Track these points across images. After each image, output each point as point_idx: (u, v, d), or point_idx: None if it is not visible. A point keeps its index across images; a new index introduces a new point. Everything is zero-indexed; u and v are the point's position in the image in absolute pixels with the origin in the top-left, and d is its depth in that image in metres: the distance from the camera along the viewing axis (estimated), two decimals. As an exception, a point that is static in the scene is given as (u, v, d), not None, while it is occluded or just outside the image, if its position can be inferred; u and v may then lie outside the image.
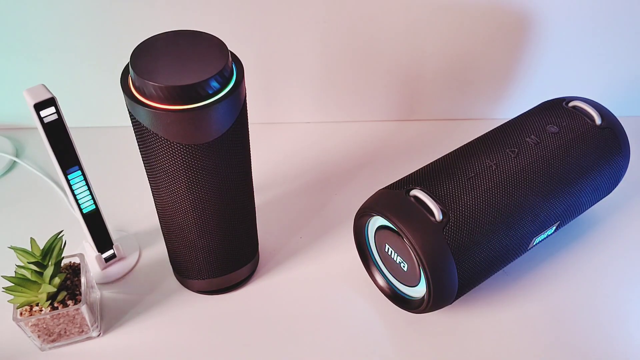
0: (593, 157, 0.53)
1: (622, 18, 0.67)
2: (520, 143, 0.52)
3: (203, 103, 0.38)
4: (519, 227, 0.49)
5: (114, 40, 0.65)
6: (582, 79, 0.74)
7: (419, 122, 0.77)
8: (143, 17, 0.63)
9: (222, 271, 0.52)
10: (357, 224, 0.53)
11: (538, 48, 0.70)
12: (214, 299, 0.54)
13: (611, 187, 0.57)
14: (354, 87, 0.73)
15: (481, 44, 0.69)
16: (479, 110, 0.77)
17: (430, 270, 0.45)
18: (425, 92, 0.74)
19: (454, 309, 0.54)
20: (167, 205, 0.45)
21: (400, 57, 0.69)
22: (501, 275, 0.56)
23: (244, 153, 0.45)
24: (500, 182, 0.48)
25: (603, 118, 0.54)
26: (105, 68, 0.66)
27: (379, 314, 0.54)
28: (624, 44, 0.70)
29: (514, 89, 0.74)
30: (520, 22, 0.67)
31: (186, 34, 0.41)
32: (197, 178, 0.42)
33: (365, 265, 0.55)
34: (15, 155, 0.69)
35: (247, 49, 0.65)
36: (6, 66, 0.67)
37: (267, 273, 0.57)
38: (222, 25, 0.64)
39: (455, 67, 0.71)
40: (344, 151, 0.72)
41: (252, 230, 0.53)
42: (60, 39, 0.65)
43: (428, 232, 0.45)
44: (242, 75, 0.41)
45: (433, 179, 0.49)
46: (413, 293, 0.51)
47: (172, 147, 0.40)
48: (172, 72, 0.38)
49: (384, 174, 0.59)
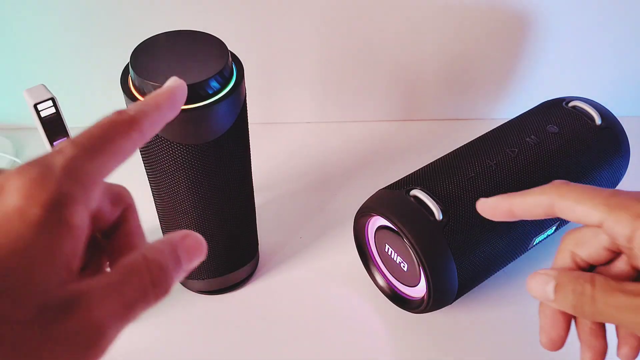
0: (593, 157, 0.53)
1: (622, 18, 0.67)
2: (520, 143, 0.52)
3: (203, 103, 0.38)
4: (519, 227, 0.49)
5: (114, 40, 0.65)
6: (582, 79, 0.74)
7: (419, 122, 0.77)
8: (143, 17, 0.63)
9: (222, 271, 0.52)
10: (357, 224, 0.53)
11: (538, 48, 0.70)
12: (214, 299, 0.54)
13: (611, 187, 0.57)
14: (354, 87, 0.73)
15: (481, 44, 0.69)
16: (479, 110, 0.77)
17: (430, 270, 0.45)
18: (425, 92, 0.74)
19: (454, 309, 0.54)
20: (167, 205, 0.45)
21: (400, 57, 0.69)
22: (501, 275, 0.56)
23: (244, 153, 0.45)
24: (501, 182, 0.48)
25: (603, 118, 0.54)
26: (105, 68, 0.66)
27: (379, 314, 0.54)
28: (624, 43, 0.70)
29: (514, 89, 0.74)
30: (520, 22, 0.67)
31: (186, 34, 0.41)
32: (197, 178, 0.42)
33: (365, 265, 0.55)
34: (15, 155, 0.69)
35: (247, 49, 0.64)
36: (6, 66, 0.67)
37: (267, 273, 0.57)
38: (222, 25, 0.64)
39: (455, 67, 0.71)
40: (344, 151, 0.72)
41: (252, 230, 0.53)
42: (60, 39, 0.65)
43: (428, 232, 0.45)
44: (242, 75, 0.41)
45: (433, 179, 0.49)
46: (413, 293, 0.51)
47: (172, 147, 0.40)
48: (172, 72, 0.38)
49: (384, 174, 0.59)
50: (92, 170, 0.19)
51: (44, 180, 0.17)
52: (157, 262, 0.20)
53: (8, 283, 0.16)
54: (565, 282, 0.28)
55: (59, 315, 0.17)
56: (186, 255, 0.21)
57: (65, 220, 0.18)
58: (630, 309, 0.25)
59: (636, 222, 0.26)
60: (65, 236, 0.18)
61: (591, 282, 0.27)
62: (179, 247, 0.21)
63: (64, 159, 0.18)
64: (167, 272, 0.20)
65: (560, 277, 0.28)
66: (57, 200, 0.17)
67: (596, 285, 0.27)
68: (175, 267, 0.21)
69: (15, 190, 0.17)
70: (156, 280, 0.20)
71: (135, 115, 0.21)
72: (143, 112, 0.21)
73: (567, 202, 0.29)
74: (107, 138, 0.20)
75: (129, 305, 0.19)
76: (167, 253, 0.20)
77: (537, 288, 0.28)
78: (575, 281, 0.27)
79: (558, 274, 0.28)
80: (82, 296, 0.18)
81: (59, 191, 0.17)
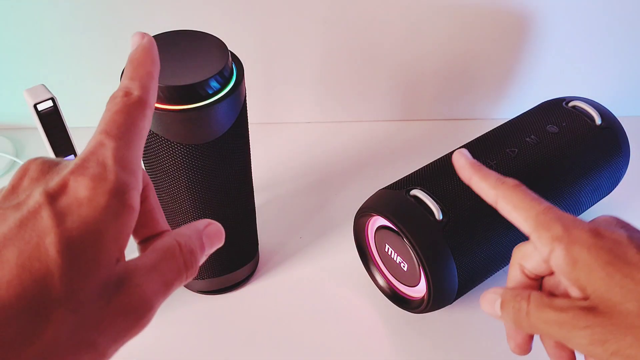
0: (593, 157, 0.53)
1: (623, 18, 0.67)
2: (520, 143, 0.52)
3: (203, 103, 0.38)
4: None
5: (114, 41, 0.65)
6: (582, 79, 0.74)
7: (419, 122, 0.77)
8: (143, 17, 0.63)
9: (222, 271, 0.52)
10: (357, 224, 0.53)
11: (538, 48, 0.70)
12: (214, 299, 0.54)
13: (611, 187, 0.57)
14: (354, 87, 0.73)
15: (481, 44, 0.69)
16: (479, 110, 0.77)
17: (430, 270, 0.45)
18: (425, 92, 0.74)
19: (454, 309, 0.54)
20: (167, 205, 0.45)
21: (401, 57, 0.69)
22: (501, 275, 0.56)
23: (244, 153, 0.45)
24: (500, 182, 0.48)
25: (603, 118, 0.54)
26: (105, 68, 0.66)
27: (379, 314, 0.54)
28: (624, 43, 0.70)
29: (514, 89, 0.74)
30: (520, 22, 0.67)
31: (186, 34, 0.41)
32: (197, 178, 0.42)
33: (365, 265, 0.55)
34: (15, 155, 0.69)
35: (247, 49, 0.65)
36: (6, 66, 0.67)
37: (267, 273, 0.57)
38: (222, 25, 0.64)
39: (455, 67, 0.71)
40: (344, 151, 0.72)
41: (252, 230, 0.53)
42: (60, 39, 0.65)
43: (428, 232, 0.45)
44: (242, 75, 0.41)
45: (433, 179, 0.49)
46: (413, 293, 0.51)
47: (172, 147, 0.40)
48: (172, 72, 0.38)
49: (384, 174, 0.59)
50: (134, 157, 0.22)
51: (103, 174, 0.21)
52: (188, 247, 0.23)
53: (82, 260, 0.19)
54: (508, 299, 0.30)
55: (116, 290, 0.20)
56: (209, 241, 0.24)
57: (127, 204, 0.21)
58: (557, 323, 0.28)
59: (554, 244, 0.29)
60: (127, 218, 0.21)
61: (527, 299, 0.30)
62: (204, 233, 0.24)
63: (112, 153, 0.21)
64: (196, 256, 0.23)
65: (504, 295, 0.31)
66: (117, 189, 0.21)
67: (531, 302, 0.29)
68: (201, 251, 0.24)
69: (82, 185, 0.20)
70: (188, 262, 0.23)
71: (141, 94, 0.23)
72: (145, 87, 0.23)
73: (507, 206, 0.32)
74: (131, 124, 0.22)
75: (168, 283, 0.22)
76: (195, 239, 0.24)
77: (487, 306, 0.32)
78: (514, 299, 0.30)
79: (503, 292, 0.31)
80: (132, 274, 0.21)
81: (118, 181, 0.21)
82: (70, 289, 0.19)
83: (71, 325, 0.19)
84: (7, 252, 0.18)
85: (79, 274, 0.19)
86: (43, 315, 0.18)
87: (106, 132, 0.22)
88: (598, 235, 0.28)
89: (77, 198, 0.20)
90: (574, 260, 0.28)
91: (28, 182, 0.21)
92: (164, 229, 0.26)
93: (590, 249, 0.28)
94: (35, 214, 0.19)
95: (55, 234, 0.19)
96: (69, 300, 0.19)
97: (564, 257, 0.28)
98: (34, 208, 0.19)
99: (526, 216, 0.30)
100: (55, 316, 0.18)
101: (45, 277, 0.18)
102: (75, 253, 0.19)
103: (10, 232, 0.19)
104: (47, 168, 0.22)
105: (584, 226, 0.29)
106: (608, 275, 0.27)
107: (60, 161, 0.22)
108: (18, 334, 0.18)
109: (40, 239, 0.19)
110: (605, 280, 0.27)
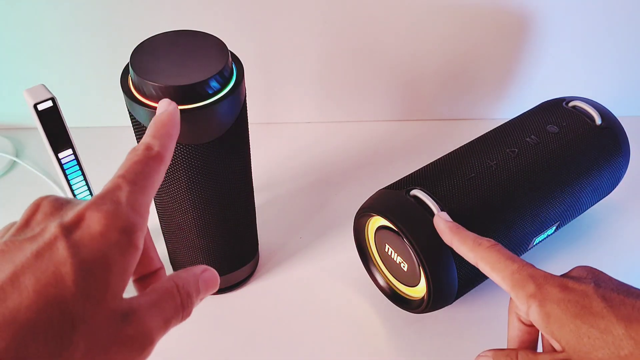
0: (593, 157, 0.53)
1: (623, 18, 0.67)
2: (520, 143, 0.52)
3: (203, 103, 0.38)
4: (518, 227, 0.49)
5: (114, 40, 0.65)
6: (582, 79, 0.74)
7: (419, 122, 0.77)
8: (143, 17, 0.63)
9: (222, 271, 0.52)
10: (357, 224, 0.53)
11: (538, 48, 0.70)
12: (214, 299, 0.54)
13: (611, 187, 0.57)
14: (354, 87, 0.73)
15: (481, 44, 0.69)
16: (479, 110, 0.77)
17: (430, 270, 0.45)
18: (425, 92, 0.74)
19: (454, 309, 0.54)
20: (167, 205, 0.45)
21: (401, 57, 0.70)
22: (501, 275, 0.56)
23: (244, 153, 0.45)
24: (501, 182, 0.48)
25: (603, 118, 0.54)
26: (105, 68, 0.67)
27: (379, 314, 0.54)
28: (624, 43, 0.70)
29: (514, 89, 0.74)
30: (520, 22, 0.67)
31: (186, 34, 0.41)
32: (197, 178, 0.42)
33: (365, 265, 0.55)
34: (15, 155, 0.69)
35: (247, 49, 0.65)
36: (6, 66, 0.67)
37: (267, 273, 0.57)
38: (222, 25, 0.64)
39: (455, 67, 0.71)
40: (344, 151, 0.72)
41: (252, 230, 0.53)
42: (60, 39, 0.65)
43: (428, 232, 0.45)
44: (242, 75, 0.41)
45: (433, 179, 0.49)
46: (413, 293, 0.51)
47: (172, 147, 0.40)
48: (172, 72, 0.38)
49: (384, 174, 0.59)
50: (145, 202, 0.24)
51: (116, 212, 0.22)
52: (186, 289, 0.25)
53: (95, 289, 0.21)
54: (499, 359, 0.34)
55: (122, 320, 0.21)
56: (204, 285, 0.26)
57: (133, 243, 0.22)
58: None
59: (529, 301, 0.32)
60: (132, 256, 0.22)
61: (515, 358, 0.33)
62: (200, 277, 0.26)
63: (126, 195, 0.23)
64: (192, 298, 0.25)
65: (495, 357, 0.34)
66: (128, 228, 0.22)
67: None
68: (196, 294, 0.26)
69: (96, 220, 0.22)
70: (185, 302, 0.25)
71: (161, 151, 0.26)
72: (164, 146, 0.26)
73: (485, 267, 0.36)
74: (147, 174, 0.25)
75: (167, 320, 0.24)
76: (192, 283, 0.25)
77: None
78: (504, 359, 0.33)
79: (493, 354, 0.34)
80: (136, 309, 0.22)
81: (128, 221, 0.22)
82: (85, 315, 0.20)
83: (84, 349, 0.20)
84: (25, 280, 0.20)
85: (92, 302, 0.20)
86: (59, 338, 0.19)
87: (123, 177, 0.24)
88: (566, 290, 0.31)
89: (90, 232, 0.21)
90: (547, 315, 0.31)
91: (42, 217, 0.23)
92: (158, 267, 0.28)
93: (560, 304, 0.31)
94: (51, 245, 0.21)
95: (70, 264, 0.20)
96: (83, 324, 0.20)
97: (538, 313, 0.31)
98: (49, 240, 0.21)
99: (503, 276, 0.34)
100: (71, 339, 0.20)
101: (60, 303, 0.20)
102: (88, 282, 0.20)
103: (27, 261, 0.20)
104: (60, 205, 0.23)
105: (554, 281, 0.32)
106: (577, 327, 0.30)
107: (71, 200, 0.24)
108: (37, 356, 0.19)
109: (57, 268, 0.20)
110: (575, 332, 0.30)
